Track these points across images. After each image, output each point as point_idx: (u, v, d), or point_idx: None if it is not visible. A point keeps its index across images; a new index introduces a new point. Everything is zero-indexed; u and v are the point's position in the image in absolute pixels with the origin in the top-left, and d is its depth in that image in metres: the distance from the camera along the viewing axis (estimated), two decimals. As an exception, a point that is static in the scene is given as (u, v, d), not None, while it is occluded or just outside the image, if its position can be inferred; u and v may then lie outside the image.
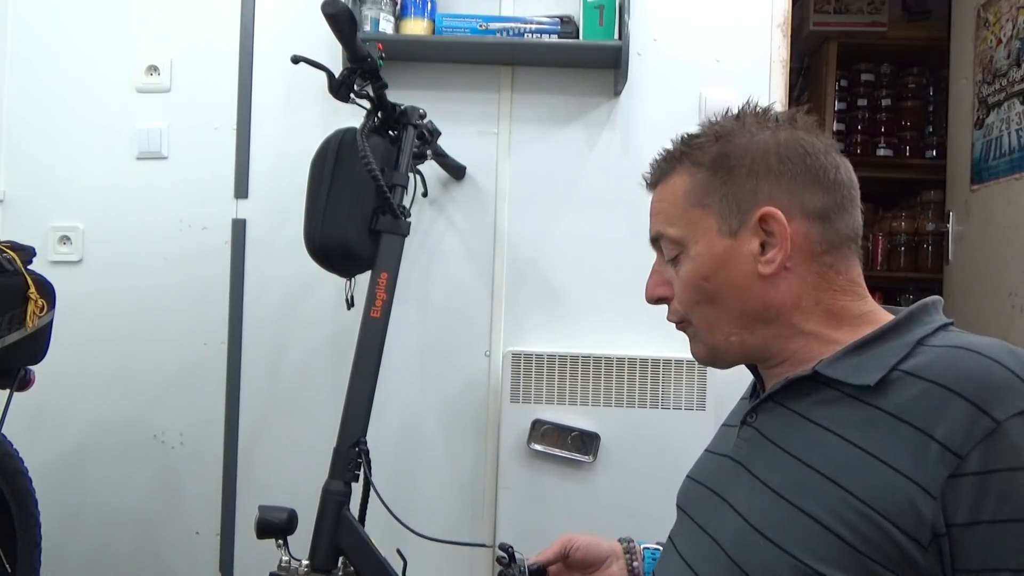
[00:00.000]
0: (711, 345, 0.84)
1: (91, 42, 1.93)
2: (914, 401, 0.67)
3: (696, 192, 0.82)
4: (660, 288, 0.87)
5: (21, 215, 1.92)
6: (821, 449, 0.71)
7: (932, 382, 0.66)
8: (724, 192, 0.80)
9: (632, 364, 1.77)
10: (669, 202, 0.84)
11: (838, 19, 3.00)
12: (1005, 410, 0.62)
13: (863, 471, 0.67)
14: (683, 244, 0.82)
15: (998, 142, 2.17)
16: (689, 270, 0.82)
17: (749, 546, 0.72)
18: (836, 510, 0.67)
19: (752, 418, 0.82)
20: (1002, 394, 0.63)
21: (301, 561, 1.31)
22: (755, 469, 0.77)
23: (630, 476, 1.75)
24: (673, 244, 0.83)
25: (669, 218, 0.84)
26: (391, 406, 1.86)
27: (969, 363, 0.66)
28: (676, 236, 0.83)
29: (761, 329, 0.80)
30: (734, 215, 0.80)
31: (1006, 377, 0.64)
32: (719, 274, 0.80)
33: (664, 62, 1.89)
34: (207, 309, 1.91)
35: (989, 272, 2.18)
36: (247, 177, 1.91)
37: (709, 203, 0.81)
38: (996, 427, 0.61)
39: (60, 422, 1.91)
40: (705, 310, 0.82)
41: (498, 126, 1.90)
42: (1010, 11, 2.15)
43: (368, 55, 1.40)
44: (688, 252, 0.82)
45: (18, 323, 1.42)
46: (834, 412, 0.73)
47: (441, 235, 1.90)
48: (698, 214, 0.81)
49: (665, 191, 0.85)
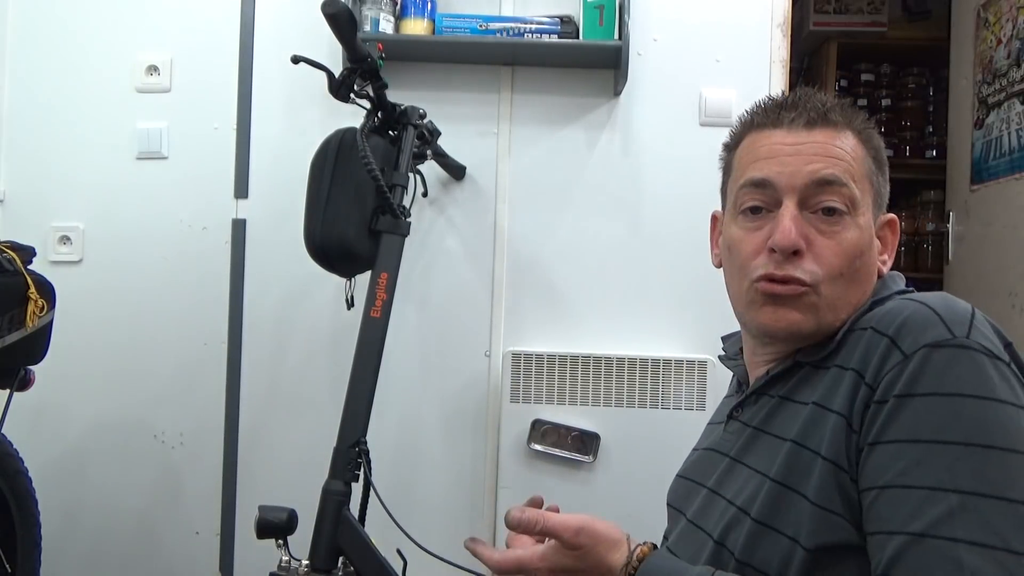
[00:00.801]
0: (823, 322, 0.76)
1: (91, 42, 1.93)
2: (856, 349, 0.71)
3: (869, 166, 0.79)
4: (802, 239, 0.75)
5: (21, 215, 1.92)
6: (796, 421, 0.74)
7: (871, 328, 0.71)
8: (878, 185, 0.80)
9: (632, 364, 1.77)
10: (851, 157, 0.78)
11: (838, 19, 3.00)
12: (914, 344, 0.66)
13: (822, 426, 0.70)
14: (857, 208, 0.77)
15: (998, 142, 2.17)
16: (854, 237, 0.76)
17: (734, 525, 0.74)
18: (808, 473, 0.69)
19: (738, 412, 0.84)
20: (917, 330, 0.66)
21: (301, 561, 1.31)
22: (741, 456, 0.79)
23: (630, 476, 1.75)
24: (848, 200, 0.76)
25: (852, 172, 0.77)
26: (391, 406, 1.86)
27: (902, 308, 0.70)
28: (856, 195, 0.76)
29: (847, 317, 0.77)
30: (878, 207, 0.81)
31: (927, 316, 0.67)
32: (869, 255, 0.78)
33: (664, 62, 1.89)
34: (207, 309, 1.91)
35: (989, 272, 2.18)
36: (247, 177, 1.91)
37: (874, 183, 0.80)
38: (903, 358, 0.65)
39: (60, 422, 1.91)
40: (843, 286, 0.76)
41: (498, 126, 1.90)
42: (1010, 11, 2.15)
43: (368, 55, 1.40)
44: (857, 219, 0.77)
45: (18, 323, 1.42)
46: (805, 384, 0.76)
47: (441, 235, 1.90)
48: (868, 187, 0.79)
49: (844, 142, 0.78)
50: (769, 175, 0.78)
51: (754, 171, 0.79)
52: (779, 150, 0.78)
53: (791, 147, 0.77)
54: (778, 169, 0.77)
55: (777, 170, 0.77)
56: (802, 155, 0.77)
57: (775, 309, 0.77)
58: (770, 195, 0.78)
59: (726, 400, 0.94)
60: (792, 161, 0.77)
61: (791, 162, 0.77)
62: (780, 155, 0.78)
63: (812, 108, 0.79)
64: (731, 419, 0.84)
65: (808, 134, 0.78)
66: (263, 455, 1.90)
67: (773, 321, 0.77)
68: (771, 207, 0.78)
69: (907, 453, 0.63)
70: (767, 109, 0.82)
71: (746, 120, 0.84)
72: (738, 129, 0.85)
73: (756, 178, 0.78)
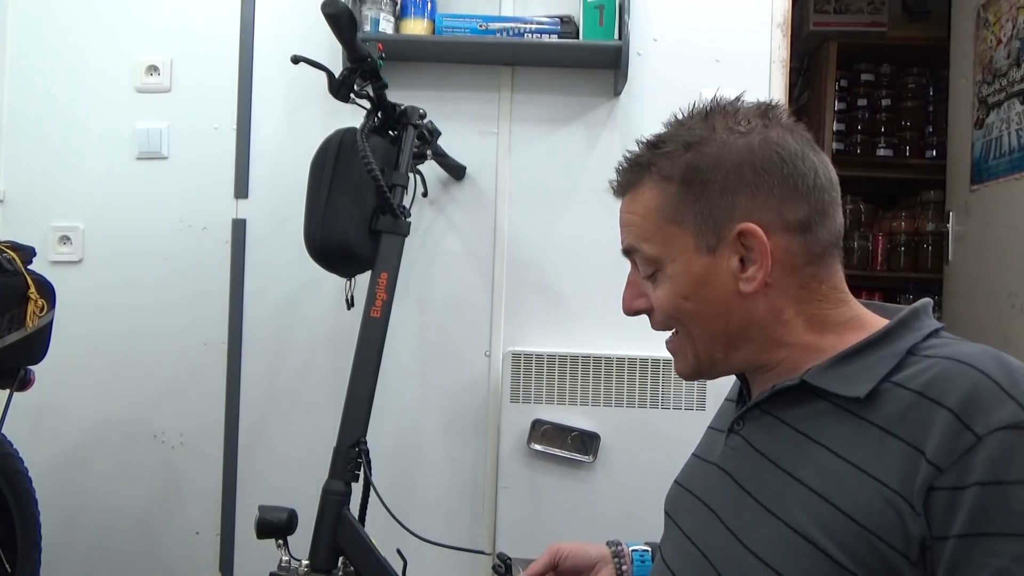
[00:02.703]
0: (698, 361, 0.81)
1: (91, 42, 1.93)
2: (903, 414, 0.66)
3: (669, 207, 0.77)
4: (638, 301, 0.83)
5: (21, 215, 1.92)
6: (811, 463, 0.70)
7: (920, 394, 0.66)
8: (699, 209, 0.76)
9: (632, 364, 1.77)
10: (641, 215, 0.80)
11: (838, 19, 3.00)
12: (986, 424, 0.61)
13: (853, 486, 0.66)
14: (659, 262, 0.79)
15: (998, 142, 2.17)
16: (667, 289, 0.79)
17: (738, 563, 0.71)
18: (825, 527, 0.66)
19: (739, 425, 0.81)
20: (986, 408, 0.62)
21: (301, 561, 1.31)
22: (743, 481, 0.76)
23: (630, 476, 1.75)
24: (649, 261, 0.80)
25: (643, 233, 0.80)
26: (391, 406, 1.86)
27: (957, 375, 0.65)
28: (652, 254, 0.79)
29: (745, 346, 0.78)
30: (711, 232, 0.76)
31: (991, 390, 0.63)
32: (699, 294, 0.77)
33: (664, 62, 1.89)
34: (207, 309, 1.91)
35: (989, 272, 2.18)
36: (247, 177, 1.91)
37: (684, 219, 0.77)
38: (976, 442, 0.61)
39: (60, 422, 1.91)
40: (690, 328, 0.79)
41: (498, 126, 1.90)
42: (1010, 11, 2.15)
43: (368, 55, 1.40)
44: (665, 271, 0.79)
45: (18, 323, 1.42)
46: (824, 424, 0.72)
47: (441, 235, 1.90)
48: (674, 231, 0.77)
49: (635, 203, 0.81)
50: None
51: None
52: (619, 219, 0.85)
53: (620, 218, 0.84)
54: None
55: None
56: (620, 226, 0.84)
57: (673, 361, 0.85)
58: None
59: (727, 404, 0.92)
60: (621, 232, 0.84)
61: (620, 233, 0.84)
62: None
63: (620, 172, 0.83)
64: (732, 432, 0.82)
65: (621, 203, 0.84)
66: (263, 455, 1.90)
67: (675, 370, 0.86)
68: None
69: (1006, 548, 0.60)
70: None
71: None
72: None
73: None
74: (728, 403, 0.93)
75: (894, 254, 3.01)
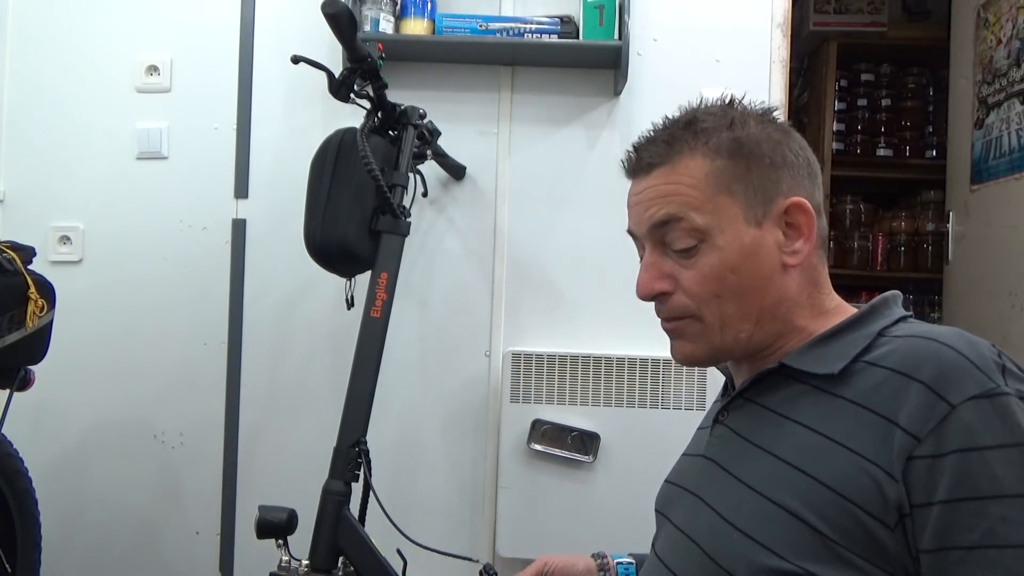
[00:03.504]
0: (717, 343, 0.79)
1: (91, 42, 1.93)
2: (876, 389, 0.69)
3: (720, 178, 0.77)
4: (660, 283, 0.80)
5: (21, 215, 1.92)
6: (789, 440, 0.73)
7: (892, 370, 0.69)
8: (749, 180, 0.78)
9: (632, 364, 1.77)
10: (690, 185, 0.78)
11: (838, 19, 3.00)
12: (960, 394, 0.64)
13: (830, 458, 0.69)
14: (707, 232, 0.77)
15: (998, 142, 2.17)
16: (715, 261, 0.77)
17: (722, 539, 0.73)
18: (805, 498, 0.68)
19: (724, 416, 0.83)
20: (957, 379, 0.65)
21: (301, 561, 1.31)
22: (727, 464, 0.79)
23: (630, 476, 1.75)
24: (693, 232, 0.77)
25: (691, 202, 0.77)
26: (391, 406, 1.86)
27: (927, 351, 0.68)
28: (701, 223, 0.77)
29: (770, 324, 0.79)
30: (759, 204, 0.78)
31: (960, 362, 0.66)
32: (745, 265, 0.77)
33: (664, 62, 1.89)
34: (207, 309, 1.91)
35: (989, 272, 2.18)
36: (247, 177, 1.91)
37: (735, 190, 0.78)
38: (951, 410, 0.64)
39: (60, 422, 1.91)
40: (724, 305, 0.78)
41: (498, 126, 1.90)
42: (1010, 11, 2.15)
43: (368, 55, 1.40)
44: (714, 241, 0.77)
45: (18, 323, 1.42)
46: (800, 404, 0.75)
47: (441, 235, 1.90)
48: (725, 201, 0.77)
49: (677, 174, 0.79)
50: (630, 227, 0.85)
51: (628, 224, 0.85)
52: (632, 201, 0.83)
53: (637, 196, 0.82)
54: (633, 221, 0.83)
55: (633, 222, 0.84)
56: (643, 203, 0.81)
57: (673, 343, 0.83)
58: (639, 244, 0.84)
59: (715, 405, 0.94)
60: (637, 211, 0.82)
61: (636, 212, 0.82)
62: (632, 206, 0.83)
63: (646, 151, 0.82)
64: (717, 423, 0.84)
65: (647, 179, 0.81)
66: (263, 455, 1.90)
67: (675, 353, 0.83)
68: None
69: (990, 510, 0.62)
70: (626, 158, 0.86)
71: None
72: None
73: (628, 231, 0.85)
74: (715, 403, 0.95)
75: (894, 254, 3.01)
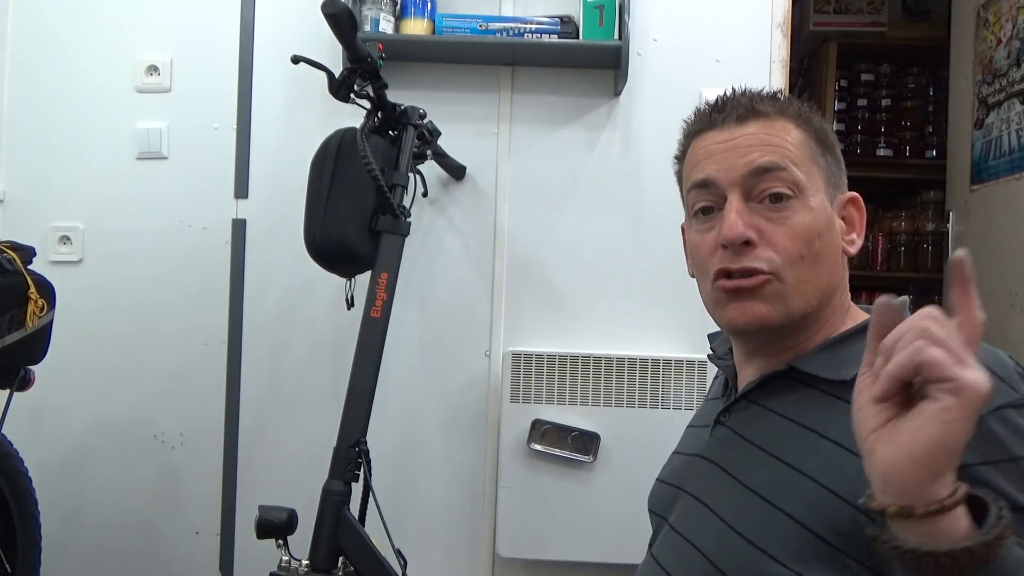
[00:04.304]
0: (791, 309, 0.76)
1: (91, 42, 1.93)
2: None
3: (811, 149, 0.79)
4: (750, 230, 0.75)
5: (21, 215, 1.92)
6: (798, 447, 0.72)
7: None
8: (829, 161, 0.80)
9: (632, 364, 1.77)
10: (791, 142, 0.78)
11: (838, 19, 3.00)
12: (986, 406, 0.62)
13: (839, 465, 0.67)
14: (803, 190, 0.76)
15: (998, 142, 2.17)
16: (807, 220, 0.76)
17: (726, 545, 0.72)
18: (813, 506, 0.67)
19: (725, 417, 0.82)
20: None
21: (301, 561, 1.31)
22: (731, 468, 0.77)
23: (630, 476, 1.74)
24: (792, 184, 0.76)
25: (792, 157, 0.77)
26: (391, 406, 1.86)
27: None
28: (800, 179, 0.76)
29: (824, 309, 0.78)
30: (833, 187, 0.80)
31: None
32: (825, 236, 0.77)
33: (664, 62, 1.89)
34: (207, 309, 1.91)
35: (989, 272, 2.18)
36: (247, 177, 1.91)
37: (820, 164, 0.79)
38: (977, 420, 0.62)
39: (60, 422, 1.91)
40: (804, 270, 0.75)
41: (498, 126, 1.90)
42: (1010, 11, 2.15)
43: (368, 55, 1.40)
44: (807, 201, 0.76)
45: (18, 323, 1.42)
46: (810, 410, 0.73)
47: (441, 235, 1.90)
48: (815, 169, 0.78)
49: (778, 130, 0.78)
50: (709, 174, 0.79)
51: (696, 173, 0.81)
52: (715, 149, 0.80)
53: (726, 144, 0.79)
54: (716, 167, 0.79)
55: (715, 168, 0.79)
56: (737, 149, 0.78)
57: (740, 304, 0.76)
58: (715, 193, 0.79)
59: (710, 403, 0.93)
60: (728, 157, 0.78)
61: (727, 158, 0.78)
62: (716, 153, 0.79)
63: (740, 104, 0.80)
64: (718, 424, 0.82)
65: (740, 128, 0.79)
66: (263, 455, 1.90)
67: (739, 316, 0.76)
68: (719, 205, 0.79)
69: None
70: (702, 114, 0.84)
71: (687, 129, 0.86)
72: (683, 139, 0.87)
73: (699, 179, 0.80)
74: (709, 402, 0.93)
75: (894, 254, 3.01)
